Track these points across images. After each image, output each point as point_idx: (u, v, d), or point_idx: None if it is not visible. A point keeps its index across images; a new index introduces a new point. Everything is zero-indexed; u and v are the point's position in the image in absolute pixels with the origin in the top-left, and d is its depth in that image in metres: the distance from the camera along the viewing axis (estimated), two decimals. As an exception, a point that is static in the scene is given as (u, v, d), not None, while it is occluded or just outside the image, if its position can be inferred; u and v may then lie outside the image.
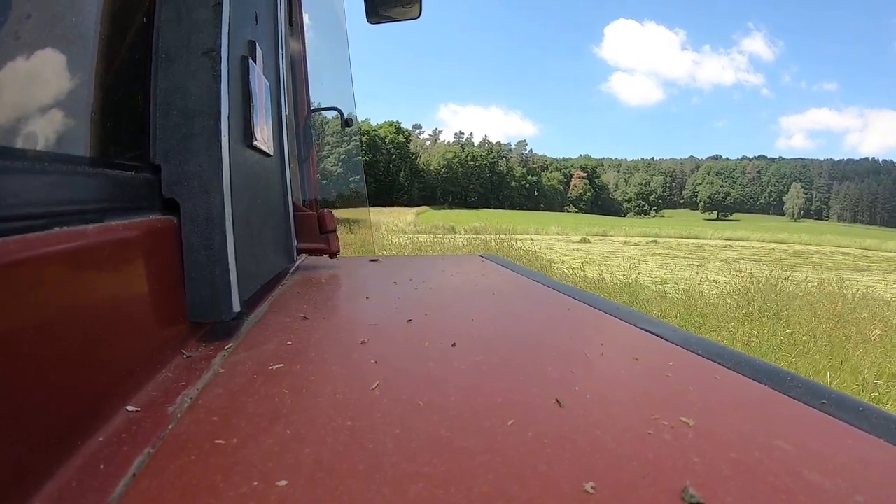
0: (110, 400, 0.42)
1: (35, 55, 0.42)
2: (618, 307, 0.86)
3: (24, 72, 0.41)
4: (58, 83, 0.45)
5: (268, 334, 0.68)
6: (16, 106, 0.40)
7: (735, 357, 0.59)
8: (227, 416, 0.43)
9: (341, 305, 0.93)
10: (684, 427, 0.41)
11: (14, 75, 0.40)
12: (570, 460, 0.36)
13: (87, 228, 0.42)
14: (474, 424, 0.41)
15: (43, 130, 0.43)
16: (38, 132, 0.43)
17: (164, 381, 0.51)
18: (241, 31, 0.77)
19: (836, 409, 0.45)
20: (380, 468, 0.35)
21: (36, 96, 0.43)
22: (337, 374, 0.53)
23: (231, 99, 0.66)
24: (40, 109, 0.43)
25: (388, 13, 1.83)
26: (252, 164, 0.84)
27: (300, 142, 1.80)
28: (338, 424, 0.41)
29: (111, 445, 0.38)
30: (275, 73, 1.10)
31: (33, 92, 0.42)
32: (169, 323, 0.57)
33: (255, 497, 0.31)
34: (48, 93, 0.44)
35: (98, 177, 0.50)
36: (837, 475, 0.35)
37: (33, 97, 0.42)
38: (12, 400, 0.31)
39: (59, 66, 0.46)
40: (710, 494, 0.32)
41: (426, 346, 0.63)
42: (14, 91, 0.40)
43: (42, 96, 0.43)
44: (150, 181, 0.59)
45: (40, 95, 0.43)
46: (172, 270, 0.59)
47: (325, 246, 1.36)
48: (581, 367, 0.56)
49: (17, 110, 0.40)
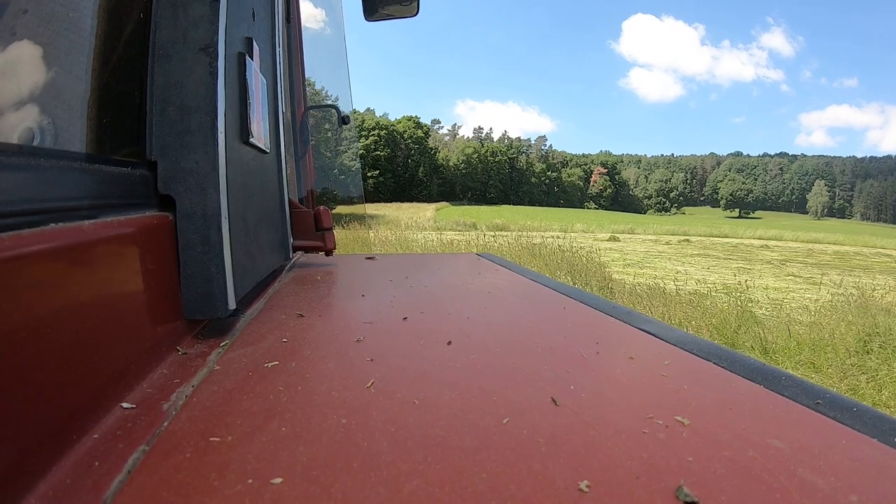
0: (105, 397, 0.42)
1: (31, 51, 0.42)
2: (614, 306, 0.87)
3: (20, 68, 0.41)
4: (54, 79, 0.45)
5: (263, 331, 0.67)
6: (11, 102, 0.40)
7: (730, 357, 0.59)
8: (223, 413, 0.43)
9: (337, 303, 0.93)
10: (679, 426, 0.41)
11: (10, 71, 0.40)
12: (565, 459, 0.36)
13: (83, 225, 0.42)
14: (469, 423, 0.42)
15: (39, 126, 0.43)
16: (34, 128, 0.43)
17: (159, 378, 0.51)
18: (238, 28, 0.77)
19: (830, 408, 0.46)
20: (374, 466, 0.35)
21: (32, 92, 0.42)
22: (332, 371, 0.53)
23: (228, 95, 0.66)
24: (36, 105, 0.43)
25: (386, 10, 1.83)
26: (248, 161, 0.84)
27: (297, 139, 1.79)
28: (333, 422, 0.41)
29: (106, 443, 0.38)
30: (272, 70, 1.09)
31: (29, 88, 0.42)
32: (164, 320, 0.57)
33: (250, 495, 0.31)
34: (44, 89, 0.44)
35: (94, 173, 0.50)
36: (831, 474, 0.35)
37: (29, 93, 0.42)
38: (7, 397, 0.31)
39: (55, 62, 0.45)
40: (705, 493, 0.32)
41: (421, 344, 0.63)
42: (10, 87, 0.40)
43: (38, 92, 0.43)
44: (146, 177, 0.59)
45: (36, 91, 0.43)
46: (168, 267, 0.59)
47: (321, 243, 1.36)
48: (576, 366, 0.56)
49: (12, 106, 0.40)
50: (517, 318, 0.80)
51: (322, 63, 2.34)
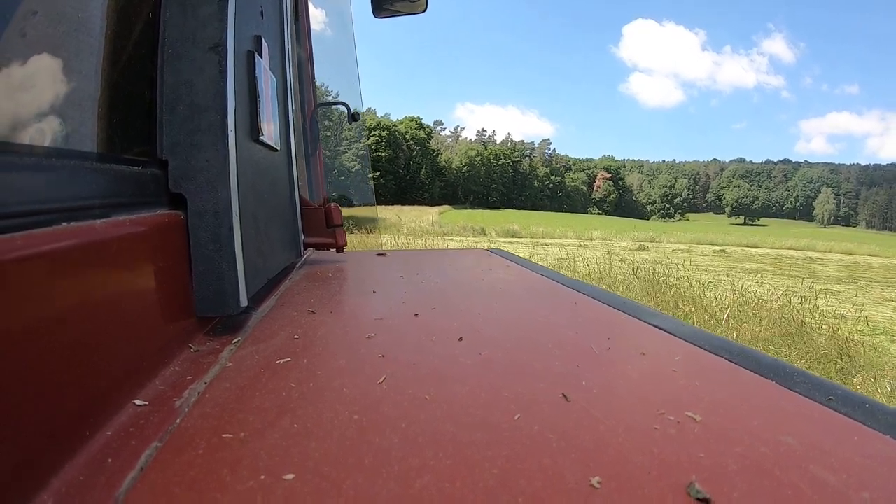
0: (118, 394, 0.43)
1: (42, 52, 0.42)
2: (624, 301, 0.86)
3: (30, 68, 0.41)
4: (64, 79, 0.46)
5: (275, 328, 0.68)
6: (22, 102, 0.40)
7: (742, 352, 0.59)
8: (235, 410, 0.43)
9: (348, 300, 0.93)
10: (690, 422, 0.41)
11: (21, 72, 0.40)
12: (576, 455, 0.36)
13: (95, 224, 0.43)
14: (480, 419, 0.41)
15: (50, 126, 0.44)
16: (46, 128, 0.43)
17: (171, 375, 0.51)
18: (246, 26, 0.77)
19: (842, 405, 0.45)
20: (386, 462, 0.35)
21: (42, 92, 0.43)
22: (343, 368, 0.53)
23: (237, 94, 0.66)
24: (47, 105, 0.44)
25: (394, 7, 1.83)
26: (259, 159, 0.84)
27: (307, 136, 1.80)
28: (344, 418, 0.41)
29: (119, 439, 0.38)
30: (281, 68, 1.10)
31: (40, 88, 0.42)
32: (176, 317, 0.57)
33: (262, 491, 0.31)
34: (54, 89, 0.44)
35: (105, 172, 0.50)
36: (844, 471, 0.34)
37: (40, 93, 0.42)
38: (21, 394, 0.31)
39: (65, 62, 0.46)
40: (716, 490, 0.31)
41: (432, 340, 0.63)
42: (20, 87, 0.40)
43: (48, 92, 0.44)
44: (156, 176, 0.60)
45: (47, 91, 0.43)
46: (180, 265, 0.59)
47: (331, 240, 1.37)
48: (587, 362, 0.56)
49: (23, 107, 0.41)
50: (528, 314, 0.80)
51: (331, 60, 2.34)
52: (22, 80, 0.40)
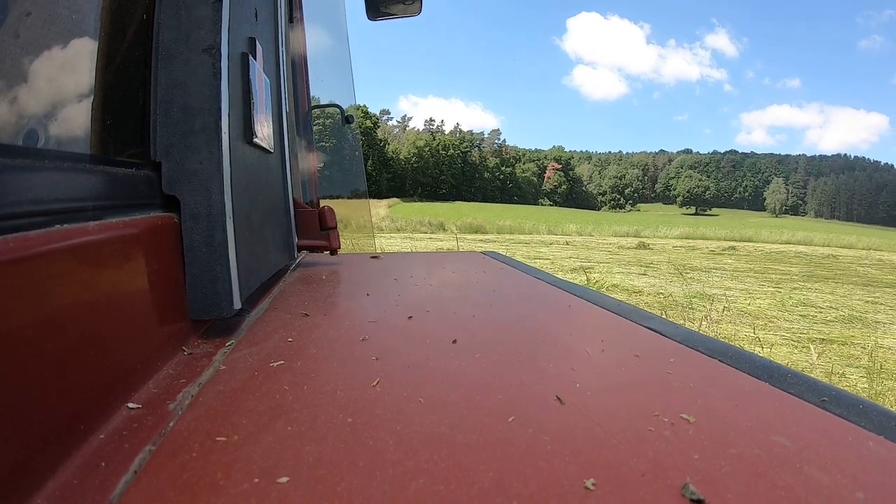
0: (111, 397, 0.42)
1: (35, 53, 0.42)
2: (619, 304, 0.86)
3: (24, 70, 0.41)
4: (58, 81, 0.45)
5: (269, 331, 0.68)
6: (16, 104, 0.40)
7: (735, 354, 0.59)
8: (229, 412, 0.43)
9: (342, 302, 0.93)
10: (684, 424, 0.41)
11: (14, 73, 0.40)
12: (571, 457, 0.36)
13: (88, 226, 0.42)
14: (475, 421, 0.41)
15: (43, 128, 0.43)
16: (39, 130, 0.43)
17: (165, 378, 0.51)
18: (241, 28, 0.77)
19: (836, 406, 0.45)
20: (380, 465, 0.35)
21: (36, 94, 0.43)
22: (338, 370, 0.53)
23: (231, 96, 0.66)
24: (41, 107, 0.43)
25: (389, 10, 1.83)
26: (252, 161, 0.84)
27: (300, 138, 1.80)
28: (339, 421, 0.41)
29: (112, 443, 0.38)
30: (275, 70, 1.10)
31: (33, 90, 0.42)
32: (170, 320, 0.57)
33: (257, 494, 0.31)
34: (48, 90, 0.44)
35: (98, 174, 0.50)
36: (837, 472, 0.35)
37: (33, 95, 0.42)
38: (13, 397, 0.31)
39: (59, 63, 0.45)
40: (711, 491, 0.32)
41: (427, 343, 0.63)
42: (14, 89, 0.40)
43: (42, 94, 0.43)
44: (150, 178, 0.59)
45: (40, 93, 0.43)
46: (173, 268, 0.59)
47: (325, 242, 1.36)
48: (582, 364, 0.56)
49: (17, 108, 0.40)
50: (522, 317, 0.80)
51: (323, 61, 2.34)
52: (15, 81, 0.40)
